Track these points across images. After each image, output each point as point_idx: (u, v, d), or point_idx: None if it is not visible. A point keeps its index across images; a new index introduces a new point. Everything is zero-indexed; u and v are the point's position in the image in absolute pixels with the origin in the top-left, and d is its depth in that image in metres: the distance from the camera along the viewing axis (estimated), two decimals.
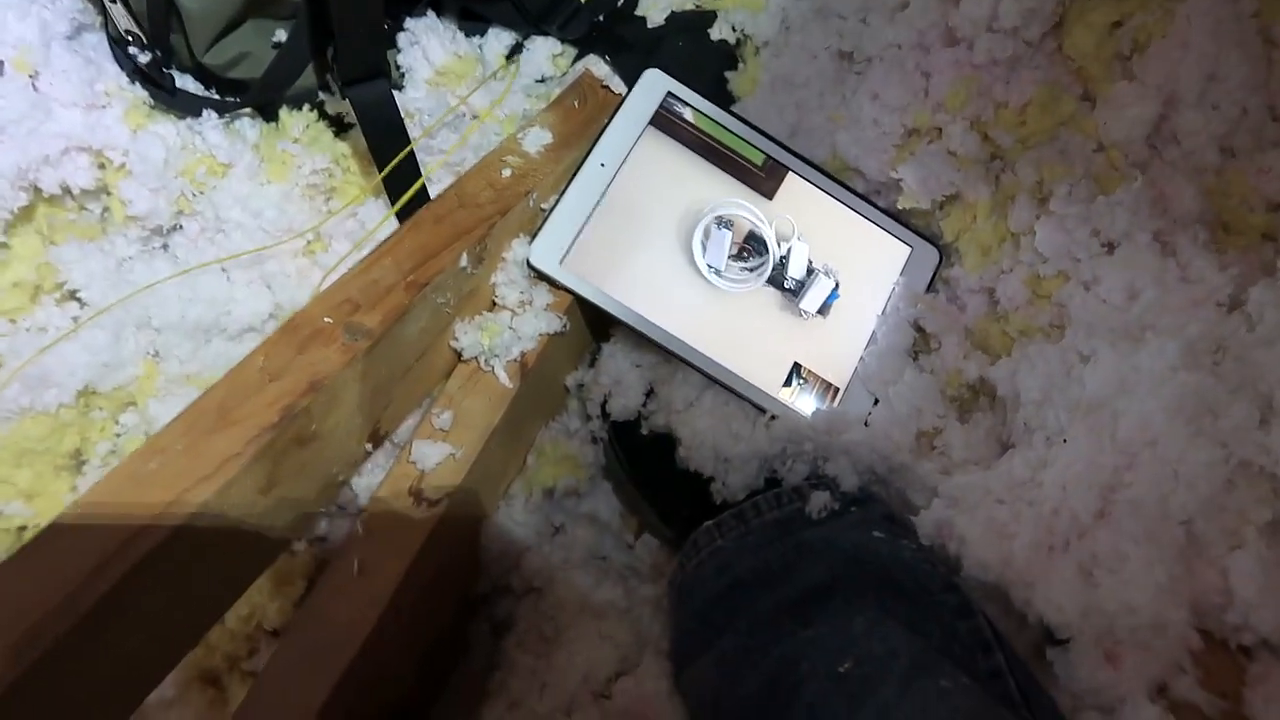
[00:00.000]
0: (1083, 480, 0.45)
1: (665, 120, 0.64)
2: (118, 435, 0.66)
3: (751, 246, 0.64)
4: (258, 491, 0.45)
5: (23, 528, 0.64)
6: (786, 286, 0.64)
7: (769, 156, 0.65)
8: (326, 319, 0.48)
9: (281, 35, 0.62)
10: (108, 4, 0.56)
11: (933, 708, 0.40)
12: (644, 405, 0.64)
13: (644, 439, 0.64)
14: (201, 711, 0.59)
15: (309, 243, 0.68)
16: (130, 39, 0.59)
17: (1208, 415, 0.45)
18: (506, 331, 0.59)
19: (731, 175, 0.65)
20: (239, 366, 0.45)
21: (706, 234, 0.63)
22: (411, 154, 0.61)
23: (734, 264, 0.63)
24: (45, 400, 0.62)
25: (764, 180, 0.65)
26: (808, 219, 0.65)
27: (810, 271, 0.64)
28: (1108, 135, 0.62)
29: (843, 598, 0.50)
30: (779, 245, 0.64)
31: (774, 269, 0.64)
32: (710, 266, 0.63)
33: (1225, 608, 0.44)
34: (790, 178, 0.66)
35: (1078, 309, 0.57)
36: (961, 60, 0.65)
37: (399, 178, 0.63)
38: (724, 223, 0.64)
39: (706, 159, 0.64)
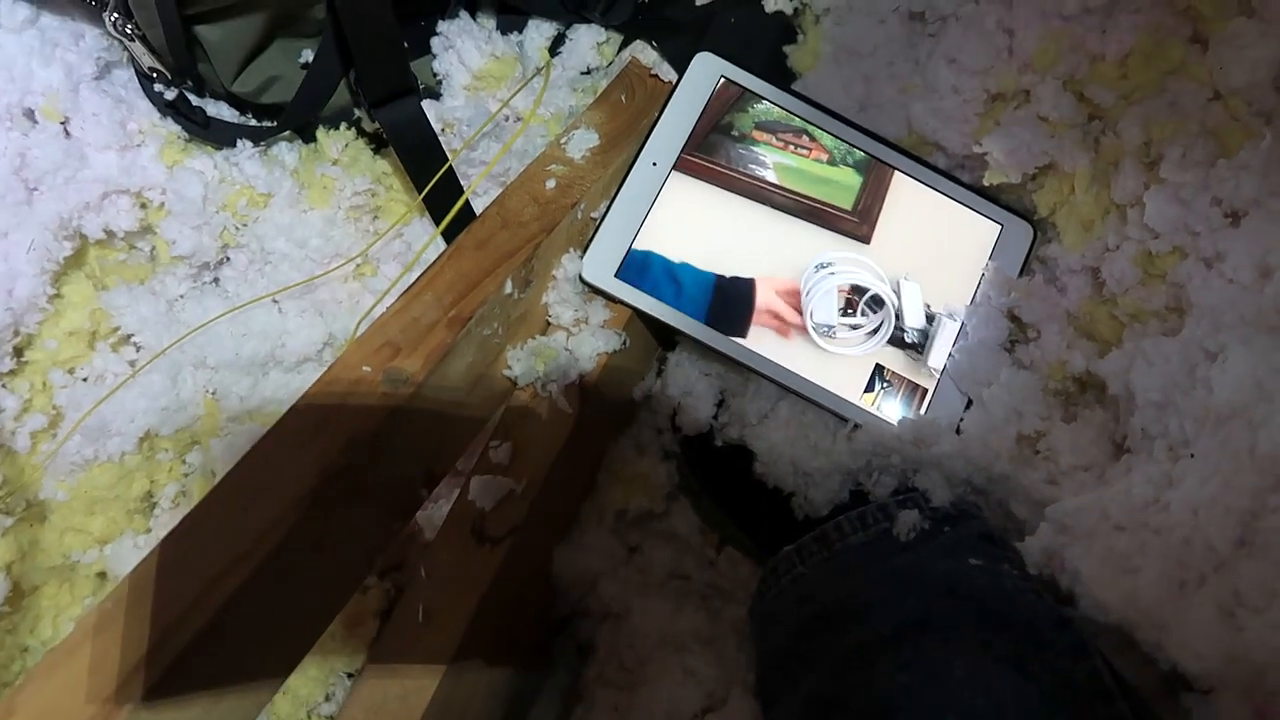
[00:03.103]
0: (1218, 503, 0.39)
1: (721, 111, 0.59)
2: (185, 475, 0.65)
3: (855, 297, 0.58)
4: (304, 558, 0.43)
5: (101, 574, 0.64)
6: (909, 341, 0.58)
7: (836, 138, 0.60)
8: (365, 368, 0.46)
9: (309, 55, 0.59)
10: (127, 44, 0.54)
11: None
12: (715, 417, 0.60)
13: (719, 452, 0.60)
14: None
15: (358, 267, 0.65)
16: (155, 75, 0.57)
17: None
18: (563, 354, 0.55)
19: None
20: (274, 428, 0.43)
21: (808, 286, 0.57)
22: (451, 171, 0.58)
23: (843, 320, 0.57)
24: (109, 449, 0.61)
25: None
26: (886, 204, 0.59)
27: (930, 318, 0.58)
28: (1225, 81, 0.54)
29: (939, 635, 0.45)
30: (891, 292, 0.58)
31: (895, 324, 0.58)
32: (821, 326, 0.57)
33: None
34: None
35: (1199, 291, 0.50)
36: (1049, 11, 0.57)
37: (442, 195, 0.59)
38: (823, 266, 0.58)
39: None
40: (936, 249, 0.59)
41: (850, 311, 0.57)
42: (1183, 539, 0.40)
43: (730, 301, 0.57)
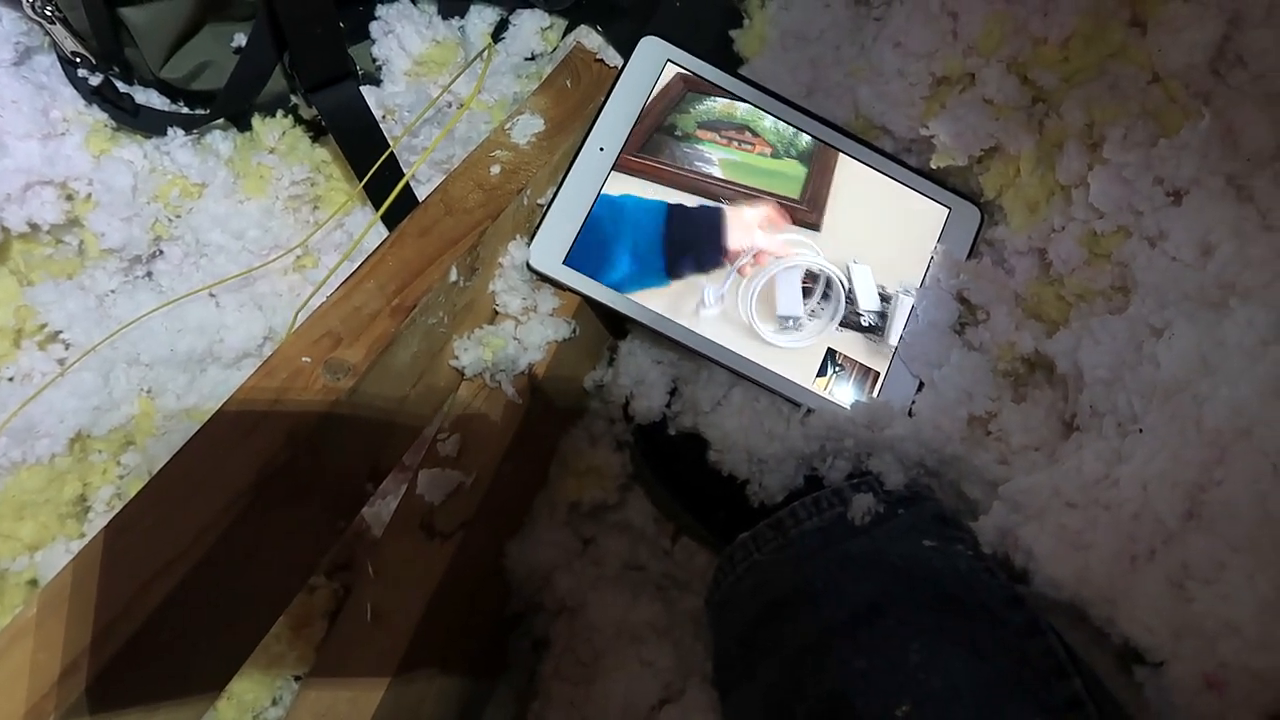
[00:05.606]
0: (1166, 477, 0.40)
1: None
2: (120, 478, 0.63)
3: (810, 285, 0.57)
4: (244, 558, 0.41)
5: (33, 581, 0.61)
6: (865, 325, 0.58)
7: (780, 122, 0.59)
8: (305, 359, 0.44)
9: (241, 39, 0.57)
10: (47, 27, 0.51)
11: None
12: (668, 406, 0.59)
13: (672, 441, 0.59)
14: None
15: (298, 258, 0.63)
16: (78, 60, 0.55)
17: None
18: (511, 343, 0.54)
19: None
20: (209, 423, 0.41)
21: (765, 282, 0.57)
22: (393, 158, 0.56)
23: (805, 310, 0.57)
24: (37, 451, 0.59)
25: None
26: (833, 191, 0.59)
27: (886, 298, 0.58)
28: (1164, 64, 0.55)
29: (895, 619, 0.45)
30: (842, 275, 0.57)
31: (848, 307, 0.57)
32: (787, 319, 0.57)
33: None
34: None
35: (1143, 269, 0.50)
36: None
37: (383, 183, 0.58)
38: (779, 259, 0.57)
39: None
40: (886, 233, 0.59)
41: (807, 300, 0.57)
42: (1132, 514, 0.40)
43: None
